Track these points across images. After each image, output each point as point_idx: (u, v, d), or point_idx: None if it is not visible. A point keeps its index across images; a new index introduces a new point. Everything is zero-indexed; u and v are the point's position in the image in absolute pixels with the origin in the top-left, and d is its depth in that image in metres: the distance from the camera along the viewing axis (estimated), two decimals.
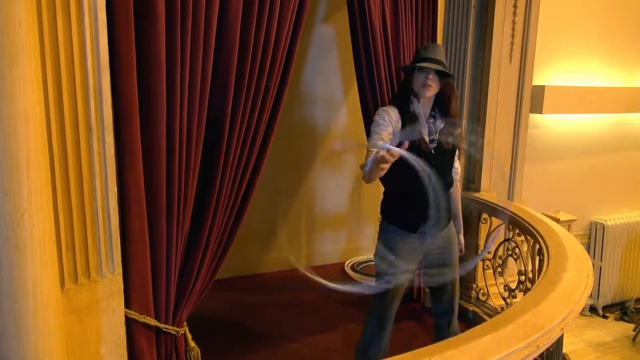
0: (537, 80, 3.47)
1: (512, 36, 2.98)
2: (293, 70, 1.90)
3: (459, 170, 2.32)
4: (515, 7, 2.94)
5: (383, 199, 2.24)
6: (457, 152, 2.22)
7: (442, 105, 2.10)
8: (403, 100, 2.08)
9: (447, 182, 2.17)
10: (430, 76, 1.99)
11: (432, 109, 2.11)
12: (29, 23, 1.09)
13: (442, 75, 2.03)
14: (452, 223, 2.27)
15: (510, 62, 3.01)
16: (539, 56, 3.25)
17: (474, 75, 3.03)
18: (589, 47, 3.84)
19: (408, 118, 2.05)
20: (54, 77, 1.22)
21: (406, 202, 2.12)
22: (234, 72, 1.64)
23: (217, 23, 1.58)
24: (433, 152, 2.06)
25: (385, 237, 2.16)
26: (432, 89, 2.01)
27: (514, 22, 2.97)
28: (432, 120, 2.10)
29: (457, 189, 2.37)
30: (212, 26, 1.56)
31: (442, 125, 2.10)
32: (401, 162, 2.00)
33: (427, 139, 2.06)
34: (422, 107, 2.07)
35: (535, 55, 3.10)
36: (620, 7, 3.89)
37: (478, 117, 3.06)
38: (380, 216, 2.25)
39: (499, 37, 2.94)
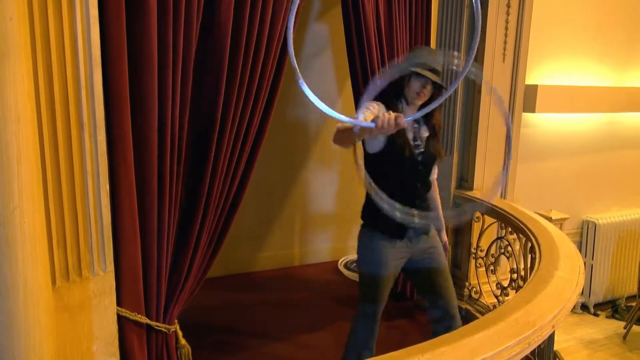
0: (529, 80, 3.49)
1: (505, 35, 2.99)
2: (287, 67, 1.89)
3: (436, 170, 2.26)
4: (508, 6, 2.95)
5: (365, 205, 2.19)
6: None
7: (426, 114, 2.02)
8: (390, 101, 2.00)
9: (429, 187, 2.16)
10: (428, 86, 1.96)
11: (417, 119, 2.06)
12: (20, 18, 1.08)
13: (437, 86, 1.99)
14: (433, 226, 2.23)
15: (503, 61, 3.03)
16: (532, 55, 3.26)
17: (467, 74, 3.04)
18: (581, 47, 3.86)
19: None
20: (45, 73, 1.21)
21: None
22: (226, 68, 1.64)
23: (210, 18, 1.57)
24: (419, 158, 2.04)
25: (369, 245, 2.11)
26: (425, 98, 1.98)
27: (507, 22, 2.98)
28: (416, 126, 2.07)
29: (435, 188, 2.32)
30: (205, 22, 1.56)
31: (426, 134, 2.07)
32: (388, 165, 1.98)
33: (412, 144, 2.02)
34: (409, 111, 2.02)
35: (528, 54, 3.11)
36: (613, 7, 3.92)
37: (471, 116, 3.07)
38: (361, 223, 2.18)
39: (492, 37, 2.95)
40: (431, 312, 2.25)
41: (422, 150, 2.06)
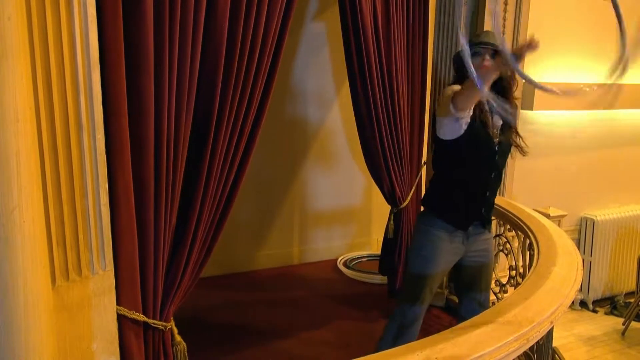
0: None
1: (503, 33, 3.00)
2: (285, 67, 1.89)
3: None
4: (505, 4, 2.96)
5: (432, 189, 2.08)
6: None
7: (500, 93, 1.93)
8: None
9: (501, 179, 2.08)
10: (485, 56, 1.91)
11: (487, 102, 1.96)
12: (18, 18, 1.08)
13: (495, 54, 1.90)
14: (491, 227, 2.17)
15: None
16: (530, 53, 3.27)
17: None
18: (579, 44, 3.87)
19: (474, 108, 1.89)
20: (43, 73, 1.21)
21: (463, 194, 1.97)
22: (221, 67, 1.64)
23: (205, 17, 1.57)
24: (496, 148, 1.96)
25: (426, 234, 2.01)
26: (489, 69, 1.84)
27: (504, 19, 2.98)
28: (490, 114, 1.98)
29: None
30: (200, 21, 1.56)
31: (500, 123, 1.98)
32: (464, 153, 1.88)
33: (492, 131, 1.95)
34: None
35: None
36: (610, 4, 3.92)
37: None
38: (422, 208, 2.09)
39: None
40: (466, 305, 2.17)
41: (498, 139, 1.98)
